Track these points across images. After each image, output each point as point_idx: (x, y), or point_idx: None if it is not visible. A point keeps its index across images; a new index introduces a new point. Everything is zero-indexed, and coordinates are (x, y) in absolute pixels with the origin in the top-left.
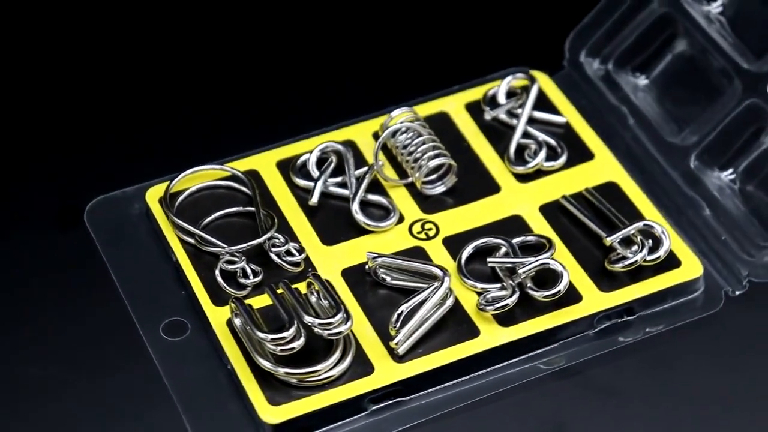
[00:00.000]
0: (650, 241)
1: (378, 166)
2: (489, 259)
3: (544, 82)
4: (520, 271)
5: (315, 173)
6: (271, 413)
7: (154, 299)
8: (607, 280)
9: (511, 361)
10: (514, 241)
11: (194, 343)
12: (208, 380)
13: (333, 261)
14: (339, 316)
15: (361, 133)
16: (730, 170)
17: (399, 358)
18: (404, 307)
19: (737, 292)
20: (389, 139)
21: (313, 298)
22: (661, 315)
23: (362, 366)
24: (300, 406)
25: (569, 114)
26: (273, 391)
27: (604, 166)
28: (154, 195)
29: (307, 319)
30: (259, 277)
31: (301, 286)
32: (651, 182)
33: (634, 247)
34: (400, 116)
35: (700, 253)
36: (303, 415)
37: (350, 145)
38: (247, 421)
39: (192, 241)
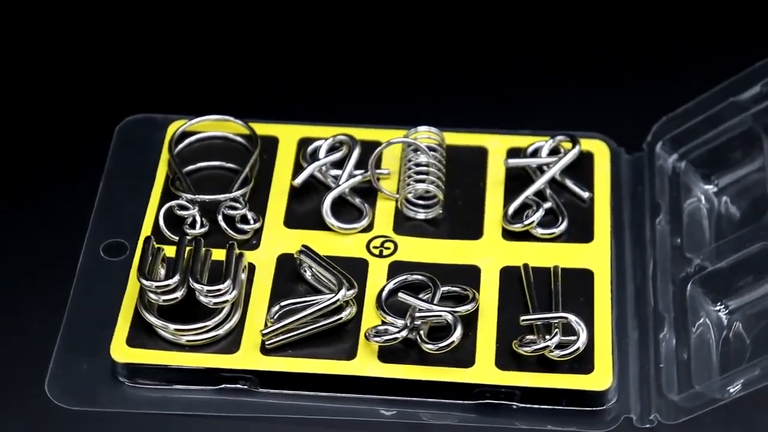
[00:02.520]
0: (571, 337)
1: (374, 173)
2: (400, 294)
3: (600, 152)
4: (416, 315)
5: (323, 158)
6: (120, 350)
7: (118, 217)
8: (510, 358)
9: (370, 396)
10: (442, 288)
11: (124, 268)
12: (110, 304)
13: (280, 243)
14: (226, 283)
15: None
16: (721, 306)
17: (265, 350)
18: (286, 303)
19: (644, 425)
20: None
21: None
22: (550, 415)
23: (230, 345)
24: (150, 356)
25: (602, 191)
26: (137, 333)
27: (594, 253)
28: (174, 127)
29: (193, 282)
30: (202, 229)
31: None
32: (636, 287)
33: (548, 336)
34: (421, 134)
35: (626, 371)
36: (148, 365)
37: (370, 145)
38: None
39: (172, 177)
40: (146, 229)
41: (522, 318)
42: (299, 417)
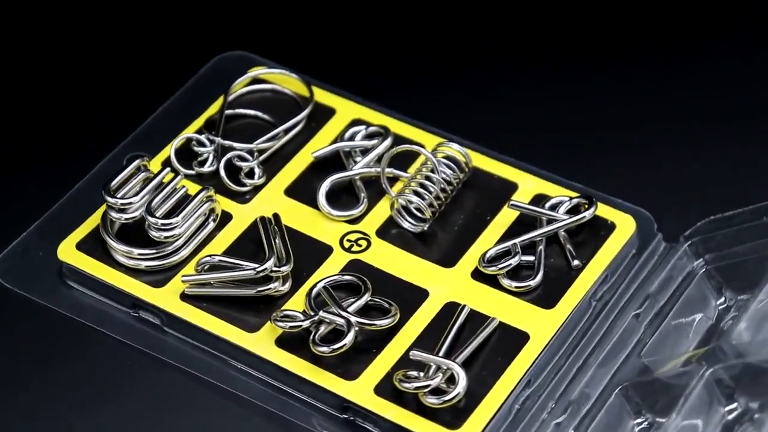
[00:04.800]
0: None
1: (384, 170)
2: (320, 287)
3: (624, 227)
4: (322, 313)
5: (355, 141)
6: (66, 250)
7: (160, 136)
8: (394, 387)
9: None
10: (370, 297)
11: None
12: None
13: (268, 206)
14: (174, 219)
15: (430, 143)
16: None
17: (184, 296)
18: (214, 257)
19: None
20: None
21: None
22: None
23: (160, 280)
24: (86, 263)
25: (598, 265)
26: (91, 241)
27: (543, 320)
28: (253, 71)
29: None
30: (209, 168)
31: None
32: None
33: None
34: (444, 148)
35: None
36: (82, 271)
37: (406, 143)
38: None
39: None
40: (163, 155)
41: (412, 352)
42: (186, 369)
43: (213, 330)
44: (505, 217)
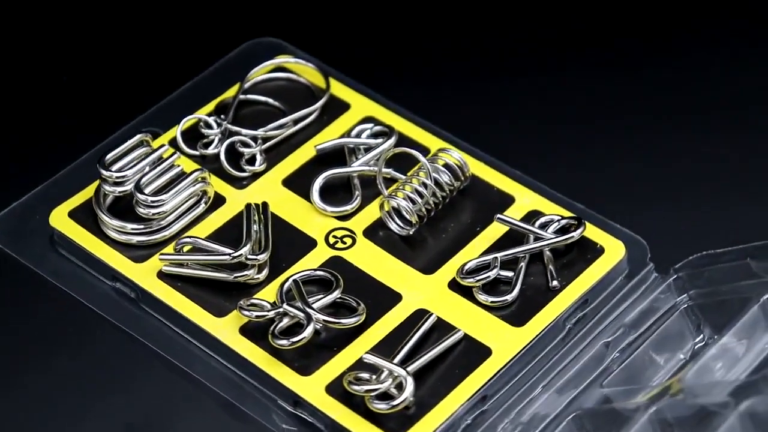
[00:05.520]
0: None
1: (380, 169)
2: (289, 282)
3: (613, 252)
4: (285, 306)
5: (360, 138)
6: (58, 216)
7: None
8: (339, 389)
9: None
10: (339, 294)
11: None
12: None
13: (262, 194)
14: (162, 196)
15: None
16: None
17: (161, 274)
18: (194, 239)
19: None
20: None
21: None
22: None
23: (142, 256)
24: (74, 232)
25: (578, 288)
26: (84, 211)
27: (509, 338)
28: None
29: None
30: (212, 151)
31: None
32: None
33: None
34: (443, 154)
35: None
36: (69, 238)
37: (413, 144)
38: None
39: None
40: (171, 133)
41: (364, 354)
42: (152, 346)
43: (180, 310)
44: (495, 230)
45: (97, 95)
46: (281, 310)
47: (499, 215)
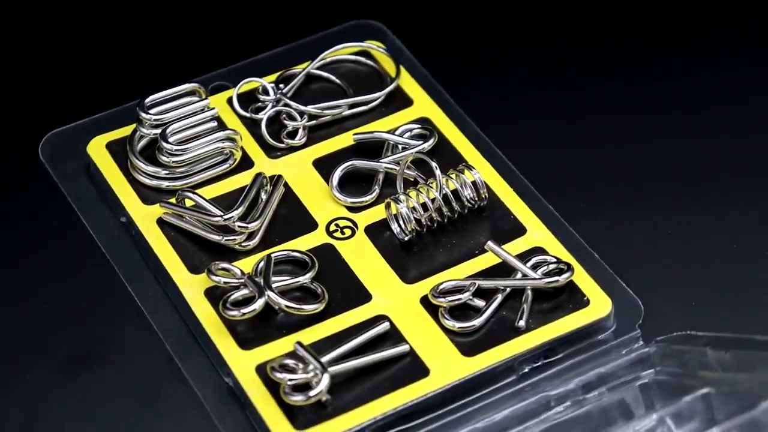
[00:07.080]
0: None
1: (402, 170)
2: (262, 262)
3: (598, 306)
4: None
5: (402, 137)
6: (95, 146)
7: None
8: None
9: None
10: (308, 279)
11: None
12: None
13: (285, 167)
14: (186, 146)
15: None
16: None
17: (160, 221)
18: (193, 195)
19: None
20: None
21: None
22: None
23: (152, 199)
24: (104, 163)
25: (548, 332)
26: (121, 147)
27: (451, 366)
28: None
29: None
30: (262, 115)
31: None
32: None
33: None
34: (466, 172)
35: None
36: (99, 170)
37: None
38: None
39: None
40: (229, 92)
41: (296, 342)
42: (126, 284)
43: (159, 256)
44: (490, 258)
45: (197, 45)
46: (243, 280)
47: (489, 243)
